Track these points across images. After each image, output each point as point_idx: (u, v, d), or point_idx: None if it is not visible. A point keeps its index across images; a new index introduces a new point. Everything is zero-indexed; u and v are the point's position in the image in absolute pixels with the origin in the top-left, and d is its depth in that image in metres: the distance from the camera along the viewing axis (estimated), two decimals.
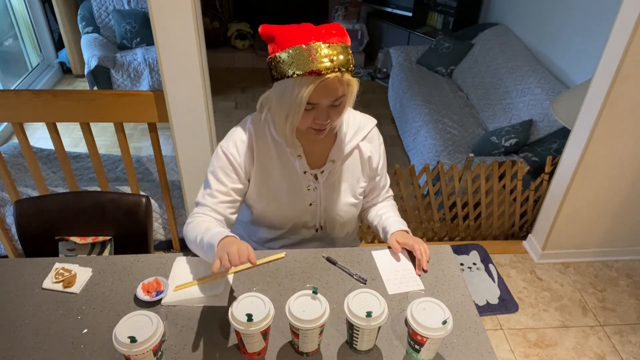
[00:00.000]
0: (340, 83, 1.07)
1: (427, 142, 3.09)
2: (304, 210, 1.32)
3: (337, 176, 1.30)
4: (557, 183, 2.33)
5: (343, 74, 1.05)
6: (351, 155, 1.30)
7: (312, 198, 1.30)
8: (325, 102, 1.09)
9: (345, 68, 1.05)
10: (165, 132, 2.56)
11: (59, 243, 1.49)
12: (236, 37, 5.10)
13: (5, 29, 4.21)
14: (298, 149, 1.23)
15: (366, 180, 1.36)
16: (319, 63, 1.02)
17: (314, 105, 1.09)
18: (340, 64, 1.04)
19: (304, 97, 1.05)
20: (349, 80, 1.09)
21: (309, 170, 1.26)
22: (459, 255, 2.53)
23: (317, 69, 1.02)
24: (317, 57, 1.02)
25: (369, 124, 1.32)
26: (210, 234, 1.11)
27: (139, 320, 0.93)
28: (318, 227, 1.36)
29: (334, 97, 1.08)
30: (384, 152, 1.39)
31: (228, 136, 1.25)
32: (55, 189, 2.37)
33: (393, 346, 1.06)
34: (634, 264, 2.52)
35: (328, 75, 1.03)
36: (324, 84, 1.05)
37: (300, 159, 1.24)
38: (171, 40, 1.73)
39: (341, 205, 1.33)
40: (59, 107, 1.91)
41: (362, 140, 1.30)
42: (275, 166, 1.26)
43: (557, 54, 3.20)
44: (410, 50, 4.29)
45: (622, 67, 1.88)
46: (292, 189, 1.28)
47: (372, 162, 1.34)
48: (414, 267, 1.27)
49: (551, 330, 2.13)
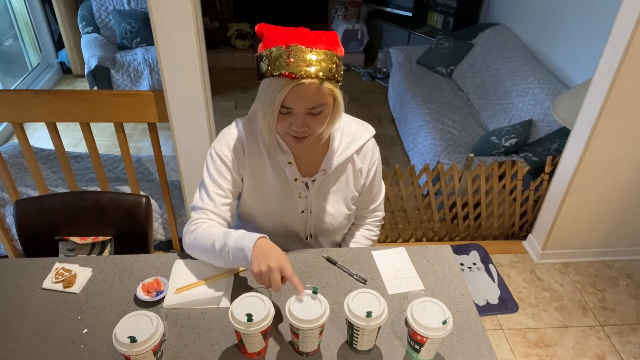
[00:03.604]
0: (318, 91, 1.01)
1: (427, 142, 3.09)
2: (295, 217, 1.29)
3: (330, 186, 1.27)
4: (557, 183, 2.33)
5: (322, 81, 1.00)
6: (345, 166, 1.26)
7: (303, 206, 1.27)
8: (300, 108, 1.04)
9: (327, 76, 1.00)
10: (165, 132, 2.56)
11: (59, 243, 1.49)
12: (236, 37, 5.10)
13: (5, 29, 4.21)
14: (288, 156, 1.19)
15: (358, 191, 1.32)
16: (295, 67, 0.98)
17: (290, 109, 1.04)
18: (320, 70, 0.99)
19: (277, 99, 1.01)
20: (331, 90, 1.03)
21: (300, 178, 1.23)
22: (459, 255, 2.53)
23: (291, 72, 0.98)
24: (295, 60, 0.98)
25: (365, 135, 1.26)
26: (234, 238, 1.07)
27: (139, 320, 0.93)
28: (308, 235, 1.34)
29: (311, 104, 1.03)
30: (379, 168, 1.33)
31: (219, 137, 1.22)
32: (55, 189, 2.37)
33: (393, 346, 1.06)
34: (634, 264, 2.52)
35: (303, 80, 0.98)
36: (299, 89, 1.00)
37: (291, 166, 1.21)
38: (171, 40, 1.73)
39: (333, 215, 1.30)
40: (59, 107, 1.91)
41: (356, 154, 1.26)
42: (267, 171, 1.22)
43: (557, 54, 3.20)
44: (410, 50, 4.29)
45: (622, 67, 1.88)
46: (284, 195, 1.25)
47: (361, 175, 1.29)
48: (414, 267, 1.27)
49: (551, 330, 2.13)
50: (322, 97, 1.03)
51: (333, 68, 1.01)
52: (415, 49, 4.30)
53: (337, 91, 1.06)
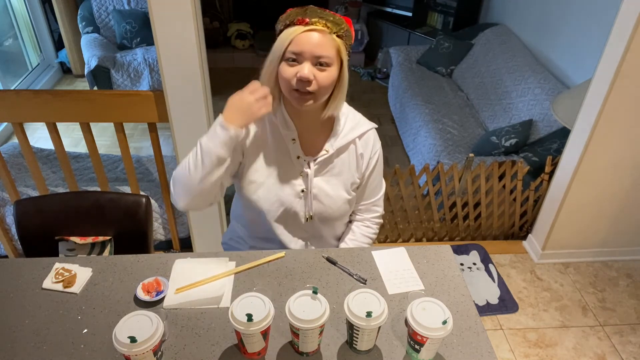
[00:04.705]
0: (328, 40, 1.08)
1: (427, 142, 3.09)
2: (295, 197, 1.29)
3: (331, 167, 1.29)
4: (557, 183, 2.33)
5: (332, 33, 1.08)
6: (347, 150, 1.29)
7: (303, 185, 1.28)
8: (308, 52, 1.08)
9: (337, 33, 1.09)
10: (165, 132, 2.56)
11: (59, 243, 1.49)
12: (236, 37, 5.10)
13: (5, 29, 4.21)
14: (293, 132, 1.23)
15: (359, 177, 1.34)
16: (309, 16, 1.08)
17: (297, 56, 1.09)
18: (331, 25, 1.08)
19: (288, 37, 1.08)
20: (339, 46, 1.10)
21: (303, 156, 1.26)
22: (459, 255, 2.53)
23: (305, 19, 1.07)
24: (309, 13, 1.08)
25: (367, 125, 1.32)
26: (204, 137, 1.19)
27: (139, 320, 0.93)
28: (307, 217, 1.33)
29: (319, 50, 1.08)
30: (380, 161, 1.36)
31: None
32: (55, 189, 2.37)
33: (393, 346, 1.06)
34: (634, 264, 2.52)
35: (314, 26, 1.07)
36: (310, 33, 1.07)
37: (294, 143, 1.24)
38: (171, 40, 1.73)
39: (332, 198, 1.31)
40: (59, 107, 1.91)
41: (359, 138, 1.30)
42: (269, 148, 1.25)
43: (557, 54, 3.20)
44: (410, 50, 4.29)
45: (622, 67, 1.88)
46: (284, 173, 1.27)
47: (362, 161, 1.32)
48: (414, 267, 1.27)
49: (551, 330, 2.13)
50: (330, 49, 1.09)
51: (343, 29, 1.11)
52: (415, 49, 4.30)
53: (344, 52, 1.12)
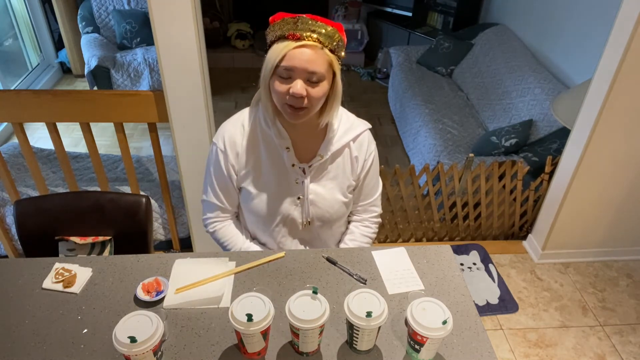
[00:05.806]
0: (319, 56, 1.07)
1: (427, 142, 3.08)
2: (292, 204, 1.31)
3: (326, 172, 1.30)
4: (557, 183, 2.33)
5: (324, 48, 1.07)
6: (341, 154, 1.30)
7: (299, 192, 1.30)
8: (300, 68, 1.07)
9: (329, 47, 1.08)
10: (165, 132, 2.55)
11: (59, 243, 1.49)
12: (236, 37, 5.10)
13: (5, 29, 4.21)
14: (287, 141, 1.24)
15: (355, 180, 1.35)
16: (300, 30, 1.06)
17: (290, 71, 1.08)
18: (323, 38, 1.07)
19: (280, 53, 1.06)
20: (331, 60, 1.09)
21: (297, 163, 1.26)
22: (459, 255, 2.53)
23: (295, 33, 1.06)
24: (301, 26, 1.07)
25: (361, 126, 1.31)
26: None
27: (139, 320, 0.93)
28: (305, 222, 1.35)
29: (311, 67, 1.07)
30: (375, 162, 1.37)
31: (219, 131, 1.28)
32: (55, 189, 2.37)
33: (393, 346, 1.06)
34: (634, 264, 2.52)
35: (306, 41, 1.05)
36: (301, 49, 1.06)
37: (289, 152, 1.25)
38: (171, 40, 1.73)
39: (329, 201, 1.32)
40: (59, 107, 1.91)
41: (353, 141, 1.30)
42: (264, 161, 1.27)
43: (557, 54, 3.20)
44: (410, 50, 4.29)
45: (622, 67, 1.88)
46: (280, 182, 1.28)
47: (357, 164, 1.32)
48: (414, 267, 1.27)
49: (551, 330, 2.13)
50: (322, 64, 1.08)
51: (335, 41, 1.09)
52: (415, 49, 4.30)
53: (336, 65, 1.11)
